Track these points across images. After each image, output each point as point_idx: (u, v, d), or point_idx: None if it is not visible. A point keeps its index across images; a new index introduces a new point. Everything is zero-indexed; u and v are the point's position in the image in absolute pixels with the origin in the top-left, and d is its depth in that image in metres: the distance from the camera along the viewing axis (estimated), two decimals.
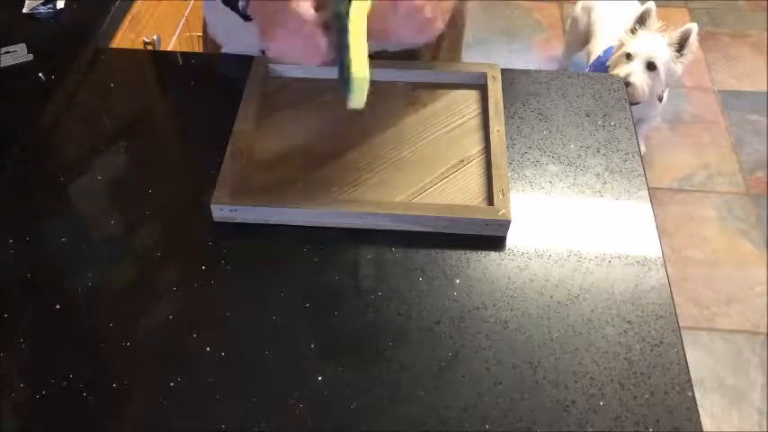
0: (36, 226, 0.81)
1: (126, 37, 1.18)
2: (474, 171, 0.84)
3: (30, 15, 1.07)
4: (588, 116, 0.93)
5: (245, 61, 0.95)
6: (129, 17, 1.19)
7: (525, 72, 0.99)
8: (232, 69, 0.98)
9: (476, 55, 2.52)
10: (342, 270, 0.77)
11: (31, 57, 1.01)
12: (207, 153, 0.87)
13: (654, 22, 1.92)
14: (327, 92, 0.93)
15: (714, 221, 2.06)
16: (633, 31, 1.94)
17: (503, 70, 0.94)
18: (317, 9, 0.74)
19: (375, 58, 0.74)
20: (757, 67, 2.51)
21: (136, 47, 1.25)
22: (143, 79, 0.96)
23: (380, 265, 0.77)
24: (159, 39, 1.34)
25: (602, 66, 2.05)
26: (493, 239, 0.79)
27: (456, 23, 1.03)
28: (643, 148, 2.24)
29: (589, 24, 2.25)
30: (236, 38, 0.99)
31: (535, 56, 2.60)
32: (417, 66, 0.96)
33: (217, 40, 1.03)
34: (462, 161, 0.85)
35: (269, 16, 0.76)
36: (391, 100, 0.92)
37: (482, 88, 0.93)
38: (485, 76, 0.93)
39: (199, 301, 0.74)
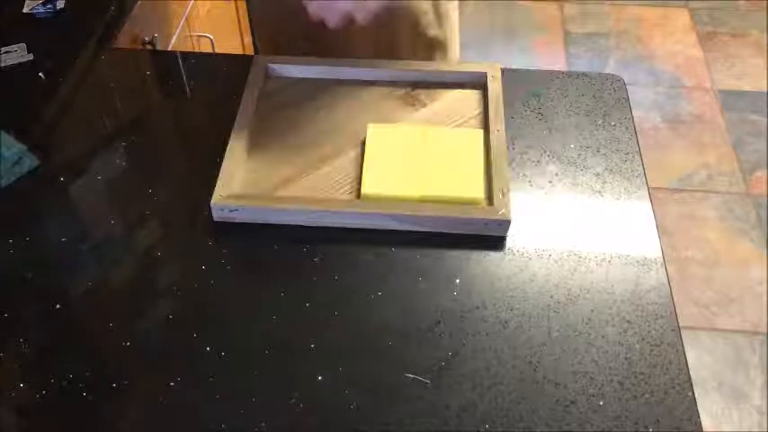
0: (36, 226, 0.81)
1: (126, 37, 1.18)
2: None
3: (30, 15, 1.07)
4: (588, 116, 0.93)
5: (245, 61, 0.95)
6: (129, 17, 1.19)
7: (525, 72, 0.99)
8: (232, 69, 0.98)
9: (476, 55, 2.52)
10: (342, 270, 0.77)
11: (31, 57, 1.01)
12: (207, 153, 0.87)
13: None
14: (327, 92, 0.93)
15: (714, 221, 2.05)
16: None
17: (503, 70, 0.94)
18: None
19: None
20: (757, 67, 2.51)
21: (136, 47, 1.25)
22: (143, 79, 0.96)
23: (380, 265, 0.77)
24: (159, 39, 1.34)
25: None
26: (493, 239, 0.79)
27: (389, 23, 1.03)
28: None
29: None
30: None
31: (535, 56, 2.60)
32: (417, 66, 0.96)
33: None
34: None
35: None
36: (391, 100, 0.92)
37: (482, 88, 0.93)
38: (485, 75, 0.93)
39: (199, 301, 0.74)
